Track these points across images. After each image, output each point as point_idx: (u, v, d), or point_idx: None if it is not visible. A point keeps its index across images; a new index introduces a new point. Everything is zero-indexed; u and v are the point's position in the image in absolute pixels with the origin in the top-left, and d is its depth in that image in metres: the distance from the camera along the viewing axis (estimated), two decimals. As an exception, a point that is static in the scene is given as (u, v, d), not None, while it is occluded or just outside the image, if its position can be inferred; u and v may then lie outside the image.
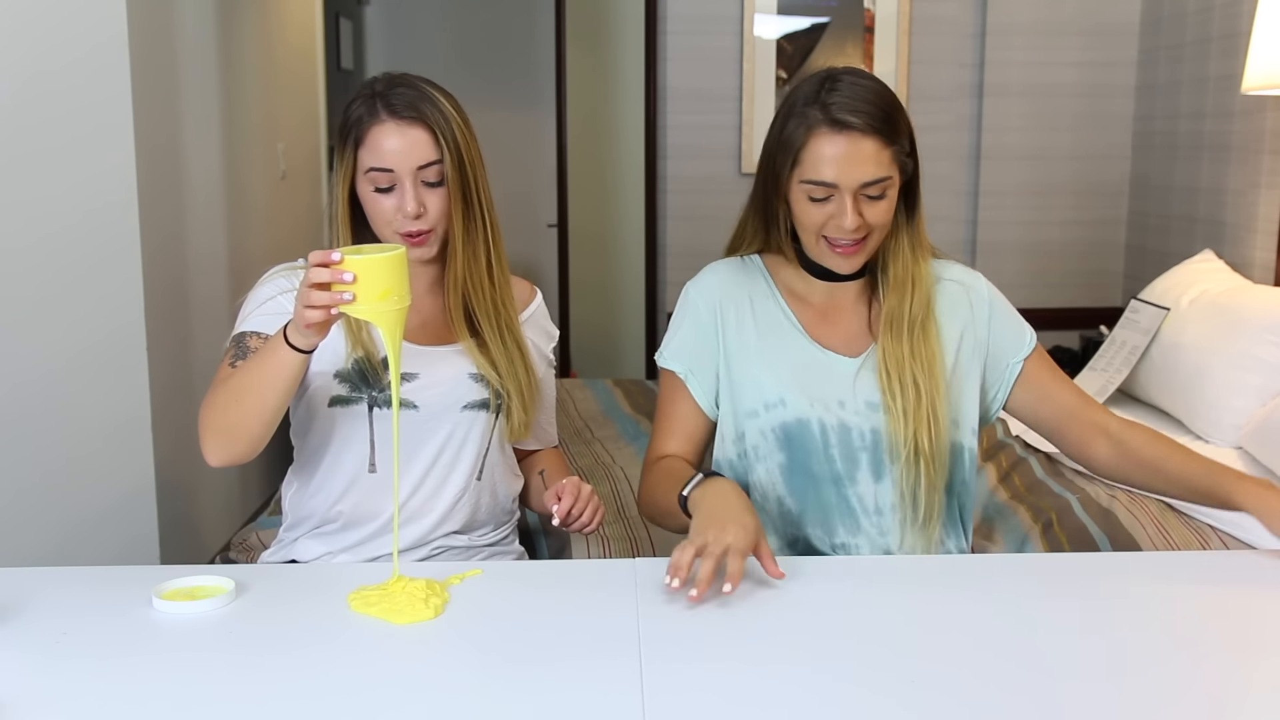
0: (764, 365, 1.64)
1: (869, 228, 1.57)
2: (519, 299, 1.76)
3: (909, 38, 4.09)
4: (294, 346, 1.39)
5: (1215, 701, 1.15)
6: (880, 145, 1.53)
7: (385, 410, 1.61)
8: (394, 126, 1.56)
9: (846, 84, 1.55)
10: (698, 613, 1.34)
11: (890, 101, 1.55)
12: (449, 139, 1.57)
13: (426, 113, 1.57)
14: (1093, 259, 4.19)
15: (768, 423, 1.62)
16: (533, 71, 6.05)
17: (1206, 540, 2.22)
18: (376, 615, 1.32)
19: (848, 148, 1.53)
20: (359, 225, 1.65)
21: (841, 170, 1.53)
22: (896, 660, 1.22)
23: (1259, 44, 2.79)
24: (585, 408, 3.32)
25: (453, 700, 1.15)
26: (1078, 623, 1.32)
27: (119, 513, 2.65)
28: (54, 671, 1.20)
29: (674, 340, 1.71)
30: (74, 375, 2.57)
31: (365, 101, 1.59)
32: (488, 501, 1.71)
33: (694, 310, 1.69)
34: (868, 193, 1.55)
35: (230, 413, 1.48)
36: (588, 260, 5.31)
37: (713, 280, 1.70)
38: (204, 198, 3.09)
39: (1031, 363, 1.69)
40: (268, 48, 3.71)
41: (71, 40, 2.49)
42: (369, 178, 1.57)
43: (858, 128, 1.52)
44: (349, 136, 1.59)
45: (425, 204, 1.57)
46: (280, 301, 1.62)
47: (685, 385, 1.68)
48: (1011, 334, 1.70)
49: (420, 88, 1.59)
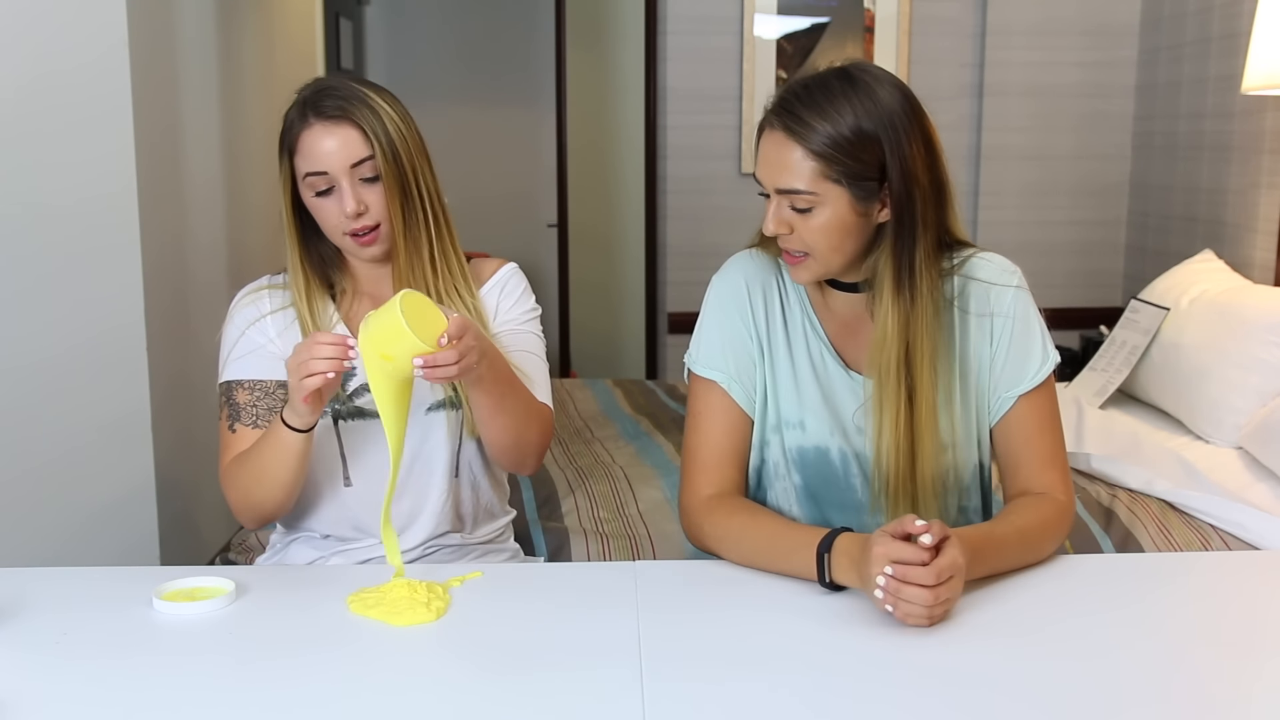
0: (788, 378, 1.55)
1: (803, 244, 1.45)
2: (480, 280, 1.71)
3: (909, 38, 4.09)
4: (292, 428, 1.48)
5: (1215, 701, 1.15)
6: (804, 155, 1.41)
7: (350, 422, 1.61)
8: (321, 128, 1.55)
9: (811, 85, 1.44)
10: (698, 618, 1.34)
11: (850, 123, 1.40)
12: (379, 133, 1.55)
13: (353, 110, 1.55)
14: (1093, 259, 4.19)
15: (787, 441, 1.56)
16: (533, 71, 6.05)
17: (1207, 539, 2.22)
18: (376, 617, 1.32)
19: (769, 147, 1.45)
20: (313, 233, 1.64)
21: (764, 169, 1.46)
22: (896, 665, 1.22)
23: (1259, 44, 2.79)
24: (585, 408, 3.32)
25: (452, 703, 1.15)
26: (1079, 623, 1.32)
27: (119, 513, 2.64)
28: (54, 671, 1.20)
29: (704, 343, 1.58)
30: (74, 374, 2.57)
31: (296, 109, 1.58)
32: (470, 497, 1.71)
33: (722, 307, 1.58)
34: (794, 203, 1.43)
35: (255, 494, 1.57)
36: (588, 260, 5.31)
37: (739, 273, 1.59)
38: (204, 197, 3.09)
39: (1027, 403, 1.54)
40: (268, 48, 3.71)
41: (72, 40, 2.49)
42: (307, 183, 1.57)
43: (780, 130, 1.43)
44: (283, 146, 1.59)
45: (365, 201, 1.56)
46: (251, 337, 1.64)
47: (729, 394, 1.55)
48: (1016, 366, 1.54)
49: (348, 87, 1.58)
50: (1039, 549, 1.48)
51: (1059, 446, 1.56)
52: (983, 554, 1.38)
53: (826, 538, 1.38)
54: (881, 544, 1.28)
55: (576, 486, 2.56)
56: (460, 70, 6.07)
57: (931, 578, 1.26)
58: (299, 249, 1.64)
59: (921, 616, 1.27)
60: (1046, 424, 1.55)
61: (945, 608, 1.29)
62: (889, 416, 1.47)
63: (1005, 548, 1.43)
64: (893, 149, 1.41)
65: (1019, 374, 1.54)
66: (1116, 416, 2.99)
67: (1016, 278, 1.57)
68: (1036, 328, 1.56)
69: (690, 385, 1.60)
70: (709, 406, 1.57)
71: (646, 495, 2.50)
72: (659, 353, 4.40)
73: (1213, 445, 2.72)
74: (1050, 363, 1.56)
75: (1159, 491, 2.40)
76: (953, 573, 1.28)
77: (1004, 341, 1.54)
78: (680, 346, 4.29)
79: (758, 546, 1.46)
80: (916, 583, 1.25)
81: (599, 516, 2.40)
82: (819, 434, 1.54)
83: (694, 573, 1.49)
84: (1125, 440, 2.79)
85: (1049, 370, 1.56)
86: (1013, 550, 1.44)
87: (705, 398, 1.57)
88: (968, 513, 1.60)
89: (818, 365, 1.55)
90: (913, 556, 1.26)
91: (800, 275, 1.50)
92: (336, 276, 1.68)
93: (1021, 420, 1.54)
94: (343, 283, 1.68)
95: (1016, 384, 1.54)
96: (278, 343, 1.64)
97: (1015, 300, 1.55)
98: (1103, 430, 2.88)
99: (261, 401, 1.62)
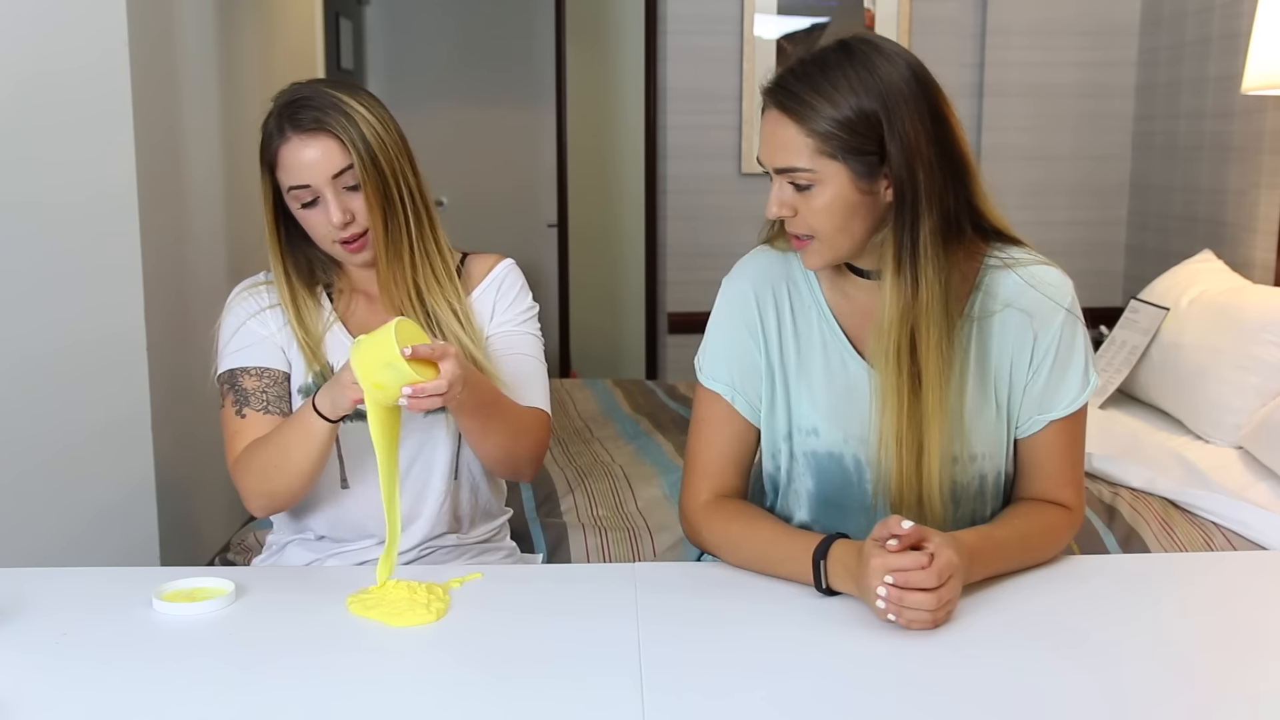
0: (802, 385, 1.52)
1: (808, 226, 1.41)
2: (476, 276, 1.70)
3: (909, 38, 4.09)
4: (323, 416, 1.48)
5: (1221, 704, 1.15)
6: (799, 132, 1.37)
7: (349, 424, 1.61)
8: (299, 141, 1.53)
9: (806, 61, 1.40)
10: (698, 618, 1.34)
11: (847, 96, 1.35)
12: (357, 141, 1.54)
13: (329, 120, 1.53)
14: (1093, 259, 4.19)
15: (800, 447, 1.53)
16: (533, 71, 6.05)
17: (1210, 537, 2.22)
18: (376, 619, 1.32)
19: (767, 127, 1.41)
20: (301, 238, 1.63)
21: (764, 149, 1.42)
22: (897, 668, 1.22)
23: (1259, 44, 2.79)
24: (585, 408, 3.32)
25: (452, 704, 1.15)
26: (1082, 624, 1.32)
27: (119, 513, 2.64)
28: (54, 672, 1.20)
29: (711, 351, 1.56)
30: (73, 374, 2.57)
31: (273, 120, 1.57)
32: (469, 498, 1.70)
33: (729, 317, 1.55)
34: (794, 180, 1.39)
35: (273, 480, 1.56)
36: (588, 260, 5.31)
37: (750, 276, 1.55)
38: (204, 197, 3.09)
39: (1057, 427, 1.49)
40: (267, 48, 3.71)
41: (72, 39, 2.49)
42: (292, 196, 1.56)
43: (776, 108, 1.40)
44: (263, 160, 1.58)
45: (350, 209, 1.56)
46: (253, 328, 1.64)
47: (732, 406, 1.54)
48: (1052, 391, 1.48)
49: (322, 95, 1.55)
50: (1042, 551, 1.47)
51: (1079, 465, 1.53)
52: (982, 556, 1.37)
53: (821, 544, 1.37)
54: (877, 555, 1.28)
55: (576, 486, 2.56)
56: (460, 70, 6.07)
57: (933, 579, 1.25)
58: (282, 260, 1.64)
59: (926, 621, 1.26)
60: (1073, 446, 1.51)
61: (948, 609, 1.29)
62: (890, 408, 1.42)
63: (1006, 550, 1.42)
64: (891, 123, 1.36)
65: (1054, 399, 1.49)
66: (1116, 416, 2.99)
67: (1070, 299, 1.49)
68: (1080, 354, 1.49)
69: (697, 390, 1.59)
70: (713, 415, 1.55)
71: (646, 493, 2.50)
72: (659, 353, 4.40)
73: (1213, 445, 2.72)
74: (1089, 391, 1.50)
75: (1162, 490, 2.40)
76: (951, 572, 1.28)
77: (1045, 366, 1.48)
78: (680, 346, 4.29)
79: (755, 552, 1.46)
80: (918, 587, 1.25)
81: (598, 514, 2.40)
82: (832, 439, 1.51)
83: (694, 575, 1.49)
84: (1125, 440, 2.79)
85: (1086, 399, 1.50)
86: (1014, 552, 1.44)
87: (709, 406, 1.56)
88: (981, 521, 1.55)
89: (834, 367, 1.51)
90: (911, 564, 1.26)
91: (810, 260, 1.45)
92: (331, 277, 1.68)
93: (1049, 441, 1.51)
94: (339, 283, 1.68)
95: (1050, 409, 1.49)
96: (279, 335, 1.64)
97: (1064, 325, 1.48)
98: (1103, 430, 2.88)
99: (271, 389, 1.61)
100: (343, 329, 1.65)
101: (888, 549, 1.28)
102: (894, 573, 1.26)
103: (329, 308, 1.66)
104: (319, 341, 1.63)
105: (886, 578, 1.26)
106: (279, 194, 1.59)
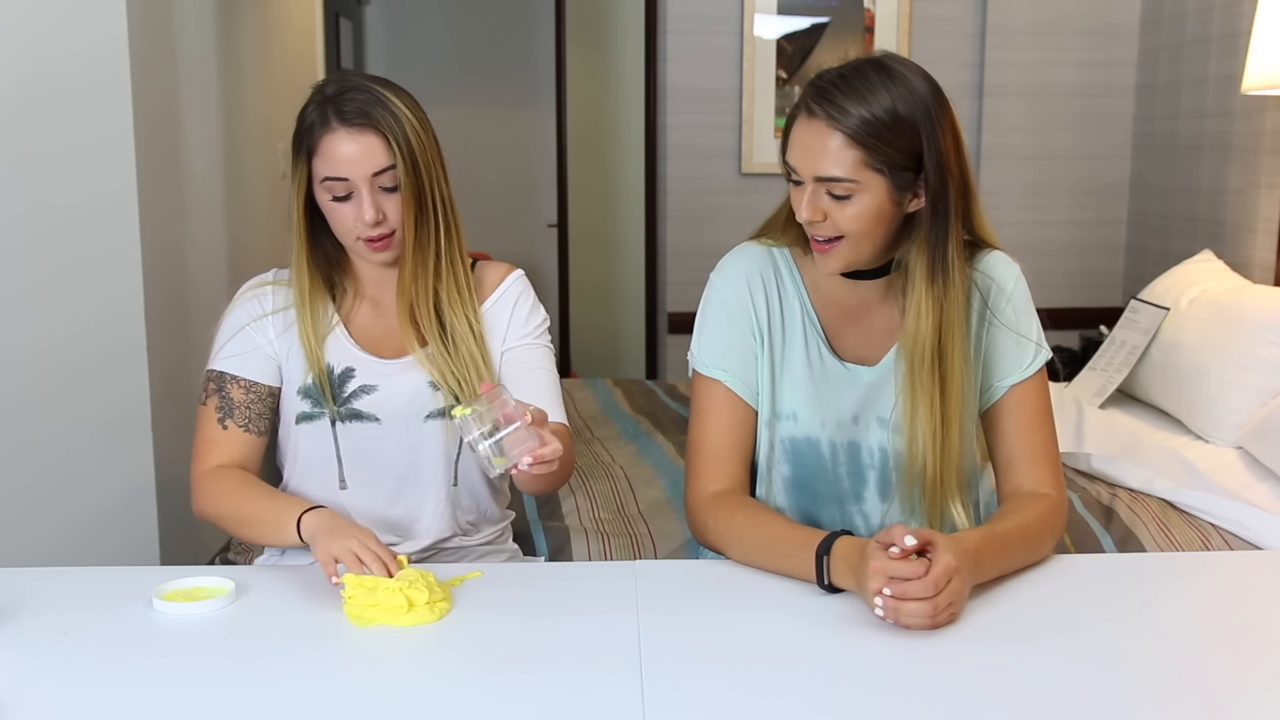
0: (785, 371, 1.56)
1: (836, 230, 1.46)
2: (486, 286, 1.70)
3: (909, 38, 4.09)
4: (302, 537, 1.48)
5: (1220, 703, 1.15)
6: (844, 143, 1.41)
7: (347, 424, 1.60)
8: (345, 134, 1.52)
9: (848, 74, 1.44)
10: (698, 617, 1.34)
11: (890, 110, 1.41)
12: (402, 143, 1.53)
13: (378, 118, 1.53)
14: (1093, 259, 4.19)
15: (778, 433, 1.57)
16: (533, 71, 6.05)
17: (1208, 538, 2.22)
18: (377, 622, 1.31)
19: (807, 135, 1.44)
20: (321, 231, 1.63)
21: (801, 157, 1.45)
22: (897, 666, 1.22)
23: (1259, 44, 2.79)
24: (585, 408, 3.32)
25: (452, 703, 1.15)
26: (1080, 624, 1.32)
27: (119, 513, 2.64)
28: (54, 671, 1.20)
29: (706, 341, 1.59)
30: (73, 374, 2.57)
31: (317, 108, 1.55)
32: (469, 504, 1.70)
33: (722, 302, 1.58)
34: (831, 190, 1.44)
35: (226, 526, 1.62)
36: (588, 260, 5.31)
37: (738, 267, 1.59)
38: (204, 195, 3.09)
39: (1017, 392, 1.56)
40: (267, 47, 3.71)
41: (71, 38, 2.49)
42: (325, 187, 1.55)
43: (821, 118, 1.43)
44: (301, 145, 1.57)
45: (384, 210, 1.55)
46: (250, 335, 1.63)
47: (732, 391, 1.56)
48: (1013, 352, 1.56)
49: (372, 90, 1.55)
50: (1040, 547, 1.49)
51: (1051, 442, 1.57)
52: (987, 553, 1.38)
53: (825, 540, 1.38)
54: (877, 559, 1.29)
55: (577, 487, 2.56)
56: (460, 70, 6.07)
57: (929, 589, 1.26)
58: (306, 250, 1.63)
59: (925, 627, 1.27)
60: (1040, 418, 1.56)
61: (950, 611, 1.29)
62: (923, 405, 1.48)
63: (1009, 546, 1.43)
64: (929, 138, 1.43)
65: (1014, 363, 1.56)
66: (1116, 416, 2.99)
67: (1016, 270, 1.60)
68: (1034, 320, 1.59)
69: (694, 383, 1.60)
70: (713, 403, 1.57)
71: (647, 495, 2.50)
72: (659, 353, 4.40)
73: (1212, 445, 2.72)
74: (1043, 356, 1.57)
75: (1159, 491, 2.40)
76: (948, 577, 1.28)
77: (1000, 328, 1.56)
78: (680, 346, 4.29)
79: (758, 546, 1.46)
80: (914, 597, 1.26)
81: (599, 516, 2.40)
82: (810, 425, 1.55)
83: (694, 572, 1.50)
84: (1125, 440, 2.79)
85: (1042, 363, 1.57)
86: (1017, 549, 1.45)
87: (709, 395, 1.57)
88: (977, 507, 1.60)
89: (813, 358, 1.56)
90: (908, 572, 1.27)
91: (832, 264, 1.50)
92: (338, 276, 1.67)
93: (1013, 411, 1.56)
94: (344, 283, 1.67)
95: (1010, 372, 1.55)
96: (276, 344, 1.64)
97: (1016, 288, 1.58)
98: (1103, 430, 2.88)
99: (254, 406, 1.62)
100: (344, 332, 1.64)
101: (889, 555, 1.29)
102: (891, 582, 1.27)
103: (332, 309, 1.66)
104: (322, 341, 1.62)
105: (885, 589, 1.27)
106: (310, 182, 1.58)
